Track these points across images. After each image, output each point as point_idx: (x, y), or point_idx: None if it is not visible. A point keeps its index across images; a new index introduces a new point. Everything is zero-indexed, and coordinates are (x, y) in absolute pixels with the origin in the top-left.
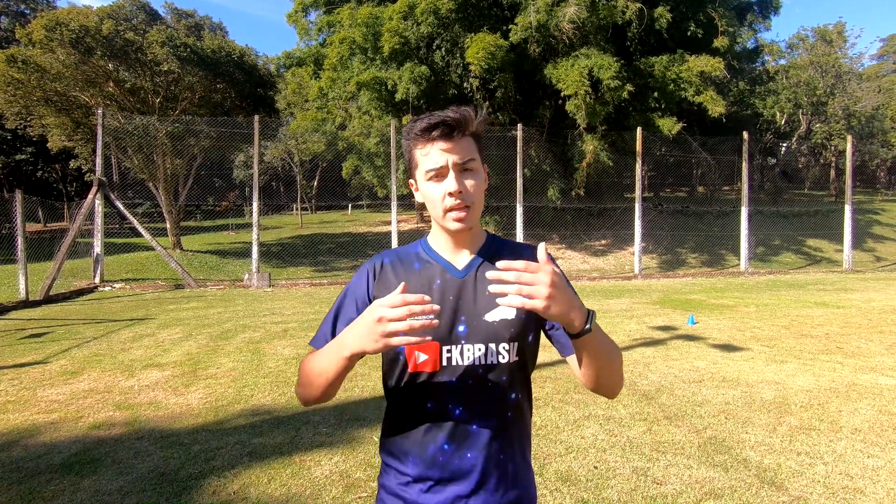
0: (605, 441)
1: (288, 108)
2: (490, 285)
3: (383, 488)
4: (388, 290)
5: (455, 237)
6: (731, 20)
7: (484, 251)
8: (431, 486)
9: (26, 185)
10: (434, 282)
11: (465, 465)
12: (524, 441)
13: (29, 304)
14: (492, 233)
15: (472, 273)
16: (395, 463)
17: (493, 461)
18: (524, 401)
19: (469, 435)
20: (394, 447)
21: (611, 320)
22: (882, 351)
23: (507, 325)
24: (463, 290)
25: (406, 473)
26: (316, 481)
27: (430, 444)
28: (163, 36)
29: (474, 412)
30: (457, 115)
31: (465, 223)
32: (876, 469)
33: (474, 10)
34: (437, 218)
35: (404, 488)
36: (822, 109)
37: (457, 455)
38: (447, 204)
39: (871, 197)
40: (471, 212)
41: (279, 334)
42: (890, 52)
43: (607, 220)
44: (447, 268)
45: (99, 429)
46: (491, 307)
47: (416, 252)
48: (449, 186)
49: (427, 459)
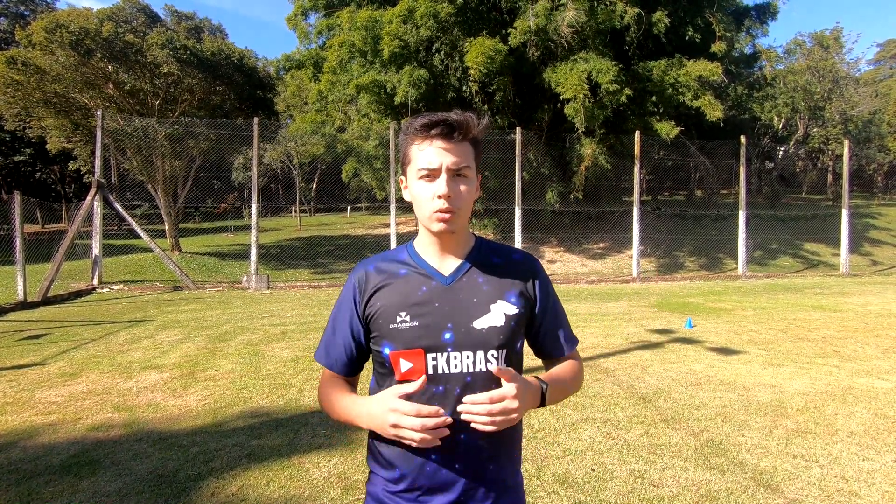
0: (603, 443)
1: (287, 110)
2: (462, 415)
3: (370, 496)
4: (377, 303)
5: (440, 240)
6: (729, 25)
7: (472, 256)
8: (419, 495)
9: (25, 187)
10: (420, 288)
11: (453, 475)
12: (513, 447)
13: (27, 306)
14: (479, 236)
15: (458, 279)
16: (382, 471)
17: (481, 470)
18: None
19: (457, 444)
20: (380, 456)
21: (608, 323)
22: (878, 354)
23: (496, 333)
24: (449, 297)
25: (393, 482)
26: (314, 483)
27: (417, 454)
28: (162, 38)
29: (463, 423)
30: (459, 118)
31: (449, 226)
32: (871, 472)
33: (473, 14)
34: (421, 218)
35: (391, 496)
36: (819, 114)
37: (445, 465)
38: (434, 206)
39: (868, 201)
40: (456, 216)
41: (278, 336)
42: (887, 56)
43: (605, 223)
44: (433, 274)
45: (97, 430)
46: (480, 314)
47: (401, 258)
48: (439, 189)
49: (414, 469)
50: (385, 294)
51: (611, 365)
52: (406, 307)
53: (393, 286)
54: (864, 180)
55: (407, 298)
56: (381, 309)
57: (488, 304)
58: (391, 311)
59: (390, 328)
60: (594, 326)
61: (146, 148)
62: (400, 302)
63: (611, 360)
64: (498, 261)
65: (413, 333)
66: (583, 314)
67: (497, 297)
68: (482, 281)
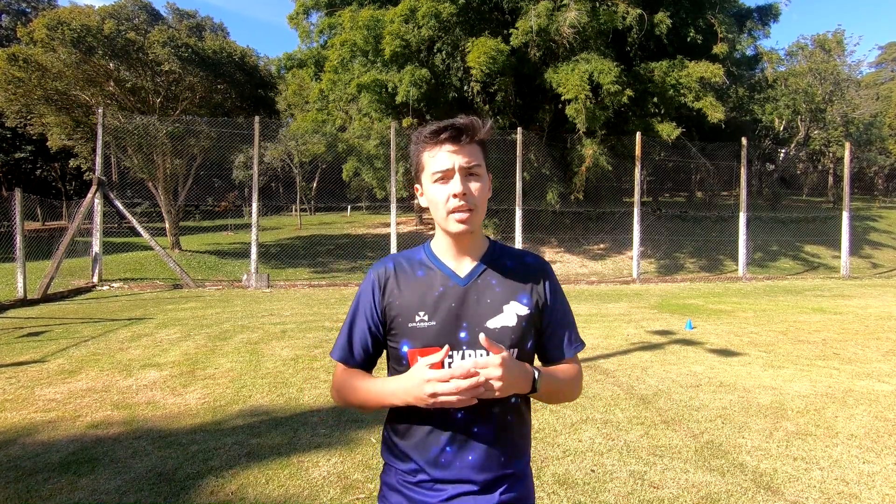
0: (603, 444)
1: (288, 109)
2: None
3: (386, 485)
4: (396, 301)
5: (457, 242)
6: (731, 27)
7: (486, 258)
8: (433, 485)
9: (25, 184)
10: (437, 289)
11: (467, 466)
12: (524, 442)
13: (27, 303)
14: (493, 239)
15: (473, 280)
16: (398, 463)
17: (493, 462)
18: (523, 404)
19: (471, 437)
20: (396, 448)
21: (608, 324)
22: (878, 357)
23: (508, 332)
24: (465, 298)
25: (408, 472)
26: (314, 482)
27: (432, 445)
28: (164, 36)
29: (476, 416)
30: (465, 122)
31: (468, 224)
32: (871, 475)
33: (475, 14)
34: (439, 220)
35: (407, 486)
36: (820, 116)
37: (458, 456)
38: (451, 205)
39: (868, 204)
40: (473, 215)
41: (277, 335)
42: (888, 59)
43: (606, 224)
44: (450, 275)
45: (97, 428)
46: (493, 314)
47: (419, 258)
48: (454, 188)
49: (430, 460)
50: (404, 293)
51: (611, 366)
52: (424, 307)
53: (412, 285)
54: (865, 183)
55: (425, 298)
56: (400, 307)
57: (501, 304)
58: (410, 310)
59: (409, 327)
60: (594, 327)
61: (147, 146)
62: (419, 301)
63: (611, 361)
64: (511, 264)
65: (431, 332)
66: (583, 315)
67: (510, 299)
68: (495, 283)
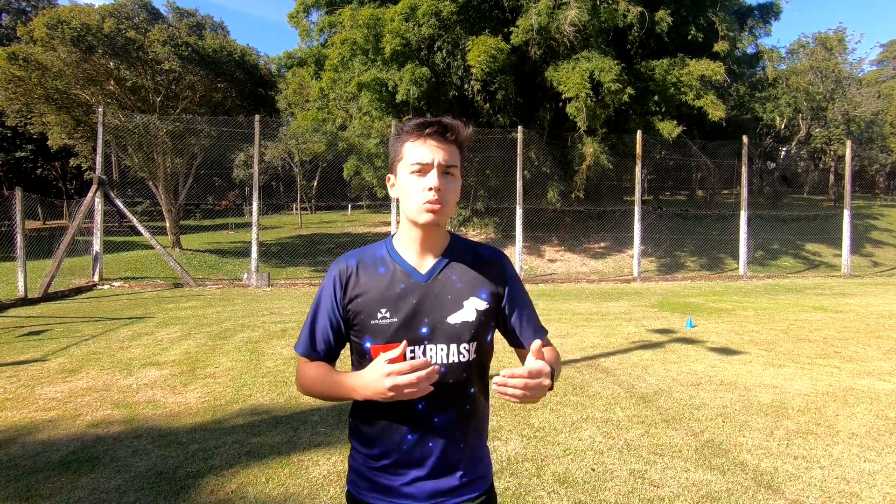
0: (603, 443)
1: (288, 108)
2: (495, 387)
3: (353, 470)
4: (358, 298)
5: (423, 235)
6: (732, 25)
7: (447, 253)
8: (396, 469)
9: (26, 183)
10: (398, 286)
11: (427, 452)
12: (482, 425)
13: (28, 302)
14: (454, 233)
15: (434, 276)
16: (363, 448)
17: (452, 447)
18: (480, 393)
19: (431, 426)
20: (361, 434)
21: (609, 323)
22: (879, 356)
23: (468, 327)
24: (426, 294)
25: (373, 458)
26: (314, 481)
27: (395, 433)
28: (164, 35)
29: (436, 406)
30: (451, 121)
31: (437, 216)
32: (872, 473)
33: (475, 12)
34: (409, 212)
35: (371, 471)
36: (821, 114)
37: (419, 444)
38: (424, 197)
39: (869, 202)
40: (443, 210)
41: (278, 334)
42: (890, 57)
43: (607, 222)
44: (411, 272)
45: (97, 427)
46: (453, 309)
47: (381, 255)
48: (430, 182)
49: (392, 446)
50: (365, 290)
51: (611, 364)
52: (386, 303)
53: (373, 282)
54: (866, 181)
55: (386, 295)
56: (362, 304)
57: (461, 300)
58: (372, 307)
59: (371, 324)
60: (595, 326)
61: (147, 145)
62: (380, 298)
63: (611, 359)
64: (470, 258)
65: (393, 329)
66: (583, 313)
67: (469, 294)
68: (455, 279)
